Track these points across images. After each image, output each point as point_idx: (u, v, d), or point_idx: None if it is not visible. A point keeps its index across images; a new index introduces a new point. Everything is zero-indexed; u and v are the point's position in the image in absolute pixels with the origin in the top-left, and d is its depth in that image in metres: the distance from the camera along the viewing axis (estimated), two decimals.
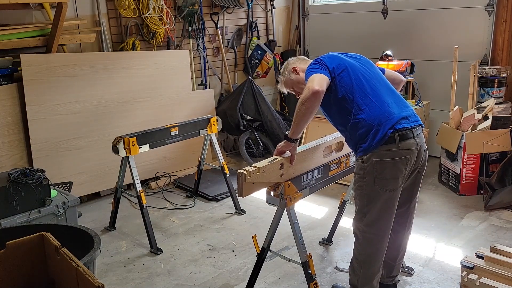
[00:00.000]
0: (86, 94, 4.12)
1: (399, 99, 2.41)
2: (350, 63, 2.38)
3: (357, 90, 2.29)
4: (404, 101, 2.42)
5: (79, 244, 2.24)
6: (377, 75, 2.43)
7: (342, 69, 2.32)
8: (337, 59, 2.39)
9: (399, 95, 2.44)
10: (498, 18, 4.40)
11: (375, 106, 2.27)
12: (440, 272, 2.94)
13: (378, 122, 2.24)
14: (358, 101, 2.28)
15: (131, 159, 3.34)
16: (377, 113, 2.26)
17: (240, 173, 2.12)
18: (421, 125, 2.40)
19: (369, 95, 2.29)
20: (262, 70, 5.67)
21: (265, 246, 2.53)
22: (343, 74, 2.31)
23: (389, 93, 2.37)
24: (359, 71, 2.36)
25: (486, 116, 4.07)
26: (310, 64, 2.41)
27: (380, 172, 2.26)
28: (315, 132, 4.67)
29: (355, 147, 2.36)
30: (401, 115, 2.30)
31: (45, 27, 3.93)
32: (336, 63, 2.35)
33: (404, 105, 2.40)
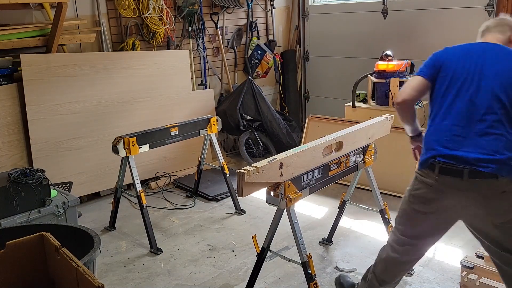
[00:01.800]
0: (86, 94, 4.12)
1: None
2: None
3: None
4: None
5: (79, 244, 2.24)
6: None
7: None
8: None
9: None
10: None
11: None
12: (440, 272, 2.94)
13: None
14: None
15: (131, 159, 3.34)
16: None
17: (239, 173, 2.12)
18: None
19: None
20: (262, 70, 5.67)
21: (265, 246, 2.53)
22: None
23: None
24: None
25: None
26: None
27: None
28: (315, 132, 4.67)
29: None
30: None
31: (45, 27, 3.93)
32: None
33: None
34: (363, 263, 3.09)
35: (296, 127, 5.42)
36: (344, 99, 5.09)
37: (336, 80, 5.77)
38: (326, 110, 5.62)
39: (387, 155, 4.13)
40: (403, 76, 4.65)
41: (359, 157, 2.77)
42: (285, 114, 5.72)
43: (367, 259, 3.13)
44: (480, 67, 2.11)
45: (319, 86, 6.04)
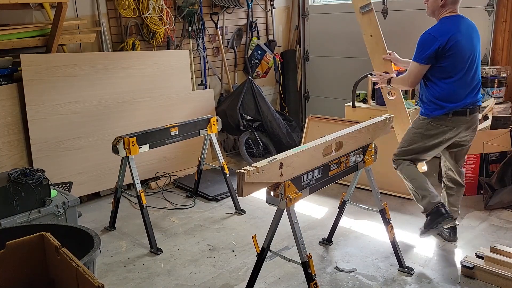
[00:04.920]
0: (86, 94, 4.12)
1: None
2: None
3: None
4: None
5: (79, 244, 2.24)
6: None
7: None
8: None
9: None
10: (498, 18, 4.40)
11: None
12: (440, 272, 2.94)
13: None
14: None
15: (131, 159, 3.34)
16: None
17: (239, 173, 2.12)
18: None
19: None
20: (262, 70, 5.68)
21: (265, 246, 2.53)
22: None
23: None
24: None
25: (486, 116, 4.07)
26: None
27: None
28: (315, 132, 4.67)
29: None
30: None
31: (45, 27, 3.93)
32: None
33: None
34: (363, 263, 3.09)
35: (296, 127, 5.42)
36: (344, 99, 5.09)
37: (336, 80, 5.77)
38: (326, 110, 5.62)
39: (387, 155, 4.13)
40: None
41: (359, 157, 2.77)
42: (285, 114, 5.72)
43: (367, 259, 3.13)
44: (470, 44, 2.91)
45: (319, 86, 6.04)
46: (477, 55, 2.97)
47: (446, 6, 2.90)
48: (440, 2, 2.89)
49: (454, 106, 2.93)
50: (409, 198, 4.05)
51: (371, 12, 3.35)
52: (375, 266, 3.05)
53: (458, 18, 2.91)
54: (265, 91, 5.70)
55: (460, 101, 2.93)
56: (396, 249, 2.95)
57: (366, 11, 3.33)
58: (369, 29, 3.42)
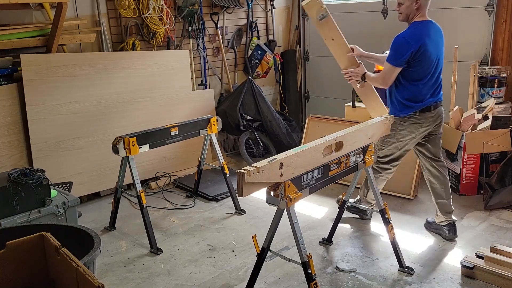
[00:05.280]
0: (86, 94, 4.12)
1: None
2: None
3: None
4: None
5: (79, 244, 2.24)
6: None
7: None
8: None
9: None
10: (498, 18, 4.39)
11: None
12: (440, 272, 2.94)
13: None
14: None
15: (131, 159, 3.34)
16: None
17: (239, 173, 2.12)
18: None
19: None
20: (262, 70, 5.67)
21: (265, 246, 2.53)
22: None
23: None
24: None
25: (486, 116, 4.07)
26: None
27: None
28: (315, 132, 4.67)
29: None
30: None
31: (45, 27, 3.93)
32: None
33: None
34: (363, 263, 3.09)
35: (296, 127, 5.42)
36: (344, 99, 5.09)
37: (336, 80, 5.76)
38: (326, 110, 5.62)
39: None
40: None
41: (359, 157, 2.77)
42: (285, 114, 5.72)
43: (367, 259, 3.13)
44: (437, 48, 3.12)
45: (319, 86, 6.04)
46: (441, 58, 3.19)
47: (420, 9, 3.05)
48: (415, 5, 3.03)
49: (420, 105, 3.15)
50: (409, 198, 4.05)
51: (329, 18, 3.40)
52: (375, 266, 3.05)
53: (428, 24, 3.09)
54: (265, 91, 5.70)
55: (425, 101, 3.16)
56: (396, 249, 2.95)
57: (323, 19, 3.36)
58: (330, 34, 3.47)
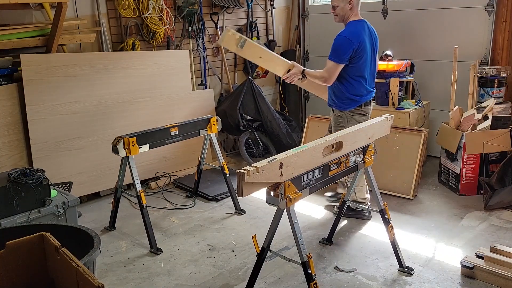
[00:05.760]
0: (86, 94, 4.12)
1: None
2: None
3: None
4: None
5: (79, 244, 2.24)
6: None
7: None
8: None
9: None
10: (498, 18, 4.40)
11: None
12: (440, 272, 2.94)
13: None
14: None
15: (131, 159, 3.34)
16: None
17: (239, 173, 2.11)
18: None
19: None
20: (262, 70, 5.67)
21: (265, 246, 2.53)
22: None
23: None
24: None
25: (486, 116, 4.07)
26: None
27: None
28: (315, 132, 4.67)
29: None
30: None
31: (45, 27, 3.93)
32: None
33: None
34: (363, 263, 3.09)
35: (296, 127, 5.42)
36: None
37: None
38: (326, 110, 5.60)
39: (387, 155, 4.14)
40: (403, 76, 4.66)
41: (359, 157, 2.77)
42: (285, 114, 5.71)
43: (367, 259, 3.13)
44: (372, 45, 3.41)
45: None
46: (376, 55, 3.51)
47: (353, 9, 3.33)
48: (348, 6, 3.31)
49: (364, 99, 3.46)
50: (409, 198, 4.05)
51: (248, 43, 3.46)
52: (375, 266, 3.05)
53: (362, 23, 3.38)
54: (265, 91, 5.70)
55: (368, 94, 3.49)
56: (396, 249, 2.95)
57: (243, 45, 3.40)
58: (255, 55, 3.56)
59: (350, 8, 3.32)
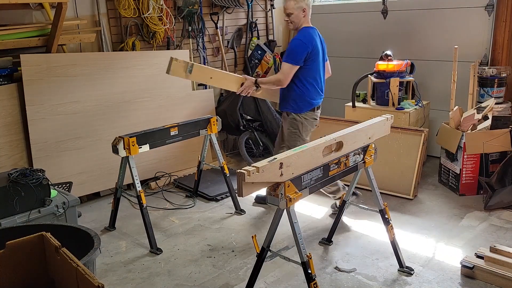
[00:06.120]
0: (86, 94, 4.12)
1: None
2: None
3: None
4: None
5: (79, 244, 2.24)
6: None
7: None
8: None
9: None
10: (498, 18, 4.40)
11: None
12: (440, 272, 2.94)
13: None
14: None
15: (131, 159, 3.34)
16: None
17: (239, 173, 2.12)
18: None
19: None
20: (262, 70, 5.67)
21: (265, 246, 2.53)
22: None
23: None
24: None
25: (486, 116, 4.07)
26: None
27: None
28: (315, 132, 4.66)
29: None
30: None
31: (45, 27, 3.93)
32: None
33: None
34: (363, 263, 3.09)
35: None
36: (344, 99, 5.09)
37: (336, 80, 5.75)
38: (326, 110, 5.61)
39: (387, 155, 4.14)
40: (403, 76, 4.66)
41: (359, 157, 2.77)
42: None
43: (367, 259, 3.13)
44: (322, 50, 3.62)
45: None
46: (324, 62, 3.71)
47: (306, 17, 3.52)
48: (302, 14, 3.48)
49: (316, 103, 3.64)
50: (409, 198, 4.05)
51: (195, 66, 3.46)
52: (375, 266, 3.05)
53: (314, 29, 3.57)
54: None
55: (320, 98, 3.68)
56: (396, 249, 2.95)
57: (192, 69, 3.42)
58: (206, 76, 3.59)
59: (303, 16, 3.50)
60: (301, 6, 3.46)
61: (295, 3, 3.45)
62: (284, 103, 3.67)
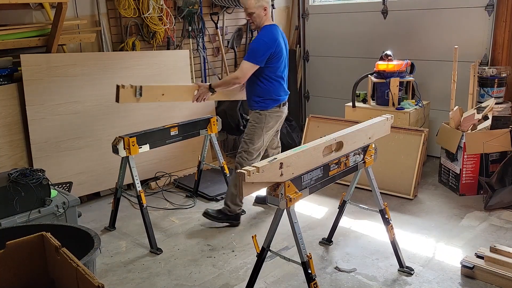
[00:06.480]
0: (86, 94, 4.12)
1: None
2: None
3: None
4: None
5: (79, 244, 2.24)
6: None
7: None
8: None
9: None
10: (498, 18, 4.40)
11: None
12: (440, 272, 2.94)
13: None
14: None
15: (131, 159, 3.34)
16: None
17: (239, 173, 2.12)
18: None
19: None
20: None
21: (265, 246, 2.53)
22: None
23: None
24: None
25: (486, 116, 4.07)
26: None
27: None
28: (315, 132, 4.67)
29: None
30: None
31: (45, 27, 3.93)
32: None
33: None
34: (363, 263, 3.09)
35: (296, 127, 5.42)
36: (344, 99, 5.09)
37: (336, 80, 5.77)
38: (326, 110, 5.62)
39: (387, 155, 4.14)
40: (403, 76, 4.66)
41: (359, 157, 2.77)
42: None
43: (367, 259, 3.13)
44: (285, 48, 3.57)
45: (319, 86, 6.04)
46: (287, 58, 3.66)
47: (267, 15, 3.49)
48: (263, 13, 3.45)
49: (281, 99, 3.61)
50: (409, 198, 4.05)
51: (144, 88, 3.37)
52: (375, 266, 3.05)
53: (275, 27, 3.53)
54: None
55: (286, 94, 3.66)
56: (396, 249, 2.95)
57: (141, 91, 3.34)
58: (157, 94, 3.47)
59: (265, 14, 3.47)
60: (261, 4, 3.41)
61: (256, 2, 3.40)
62: (250, 101, 3.65)
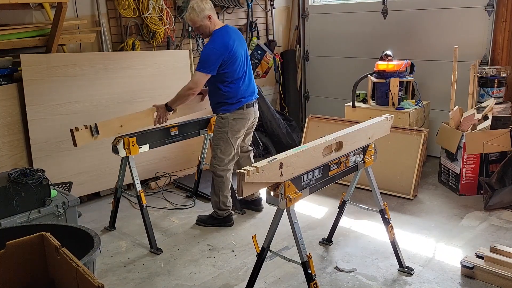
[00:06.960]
0: (86, 94, 4.12)
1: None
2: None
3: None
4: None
5: (79, 244, 2.24)
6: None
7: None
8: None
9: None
10: (498, 18, 4.40)
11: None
12: (440, 272, 2.94)
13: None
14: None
15: (131, 159, 3.34)
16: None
17: (239, 173, 2.11)
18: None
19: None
20: (262, 70, 5.67)
21: (265, 246, 2.53)
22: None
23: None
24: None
25: (486, 116, 4.07)
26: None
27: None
28: (315, 132, 4.67)
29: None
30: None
31: (45, 27, 3.93)
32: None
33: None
34: (363, 263, 3.09)
35: (296, 127, 5.42)
36: (344, 99, 5.09)
37: (336, 80, 5.77)
38: (326, 110, 5.62)
39: (387, 155, 4.14)
40: (403, 76, 4.66)
41: (359, 157, 2.77)
42: (285, 114, 5.72)
43: (367, 259, 3.13)
44: (241, 48, 3.47)
45: (319, 86, 6.04)
46: (248, 56, 3.58)
47: (213, 20, 3.37)
48: (209, 22, 3.34)
49: (246, 100, 3.51)
50: (409, 198, 4.05)
51: (98, 123, 3.27)
52: (375, 266, 3.05)
53: (226, 28, 3.42)
54: (265, 91, 5.70)
55: (251, 95, 3.57)
56: (396, 249, 2.95)
57: (97, 129, 3.24)
58: (116, 126, 3.35)
59: (211, 22, 3.36)
60: (205, 15, 3.31)
61: (197, 15, 3.30)
62: (212, 106, 3.60)
